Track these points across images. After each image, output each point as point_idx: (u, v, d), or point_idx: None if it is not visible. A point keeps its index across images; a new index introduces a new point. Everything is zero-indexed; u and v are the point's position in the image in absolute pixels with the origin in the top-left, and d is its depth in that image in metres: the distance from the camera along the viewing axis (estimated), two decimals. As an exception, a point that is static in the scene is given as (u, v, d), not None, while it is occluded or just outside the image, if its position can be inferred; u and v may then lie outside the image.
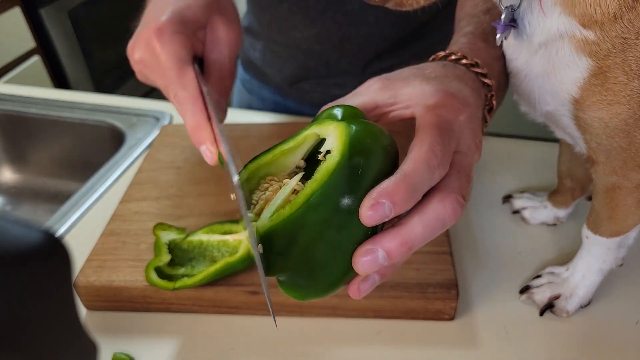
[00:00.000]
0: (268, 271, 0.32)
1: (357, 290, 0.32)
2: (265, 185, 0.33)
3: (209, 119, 0.40)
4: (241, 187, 0.33)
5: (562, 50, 0.35)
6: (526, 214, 0.59)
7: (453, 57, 0.41)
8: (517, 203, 0.60)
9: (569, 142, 0.44)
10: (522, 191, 0.62)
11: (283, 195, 0.32)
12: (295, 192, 0.32)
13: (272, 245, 0.31)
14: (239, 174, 0.34)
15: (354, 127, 0.30)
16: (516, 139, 0.72)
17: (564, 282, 0.50)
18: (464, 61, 0.40)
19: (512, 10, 0.38)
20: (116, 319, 0.52)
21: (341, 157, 0.29)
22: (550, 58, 0.36)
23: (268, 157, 0.34)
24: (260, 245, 0.31)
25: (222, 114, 0.45)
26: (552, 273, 0.52)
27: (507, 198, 0.62)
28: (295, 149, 0.34)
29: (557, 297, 0.49)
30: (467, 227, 0.59)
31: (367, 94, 0.37)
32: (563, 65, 0.35)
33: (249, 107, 0.88)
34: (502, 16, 0.39)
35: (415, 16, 0.69)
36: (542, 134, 0.59)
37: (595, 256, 0.48)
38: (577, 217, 0.59)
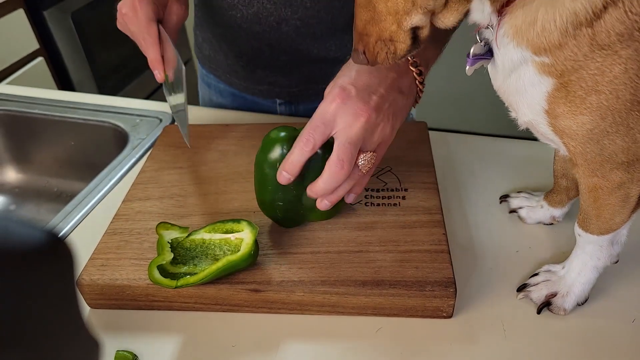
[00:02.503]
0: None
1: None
2: None
3: (162, 56, 0.64)
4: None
5: (528, 72, 0.39)
6: (523, 213, 0.60)
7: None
8: (514, 202, 0.61)
9: (554, 147, 0.45)
10: (519, 191, 0.63)
11: None
12: None
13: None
14: None
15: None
16: (513, 139, 0.72)
17: (560, 280, 0.50)
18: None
19: (487, 43, 0.42)
20: (119, 316, 0.53)
21: None
22: (520, 79, 0.40)
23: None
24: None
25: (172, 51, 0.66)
26: (548, 271, 0.52)
27: (504, 197, 0.62)
28: None
29: (553, 295, 0.50)
30: (465, 226, 0.60)
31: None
32: (531, 84, 0.39)
33: (210, 100, 0.92)
34: (471, 50, 0.43)
35: (351, 4, 0.70)
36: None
37: (590, 254, 0.49)
38: (573, 216, 0.59)
